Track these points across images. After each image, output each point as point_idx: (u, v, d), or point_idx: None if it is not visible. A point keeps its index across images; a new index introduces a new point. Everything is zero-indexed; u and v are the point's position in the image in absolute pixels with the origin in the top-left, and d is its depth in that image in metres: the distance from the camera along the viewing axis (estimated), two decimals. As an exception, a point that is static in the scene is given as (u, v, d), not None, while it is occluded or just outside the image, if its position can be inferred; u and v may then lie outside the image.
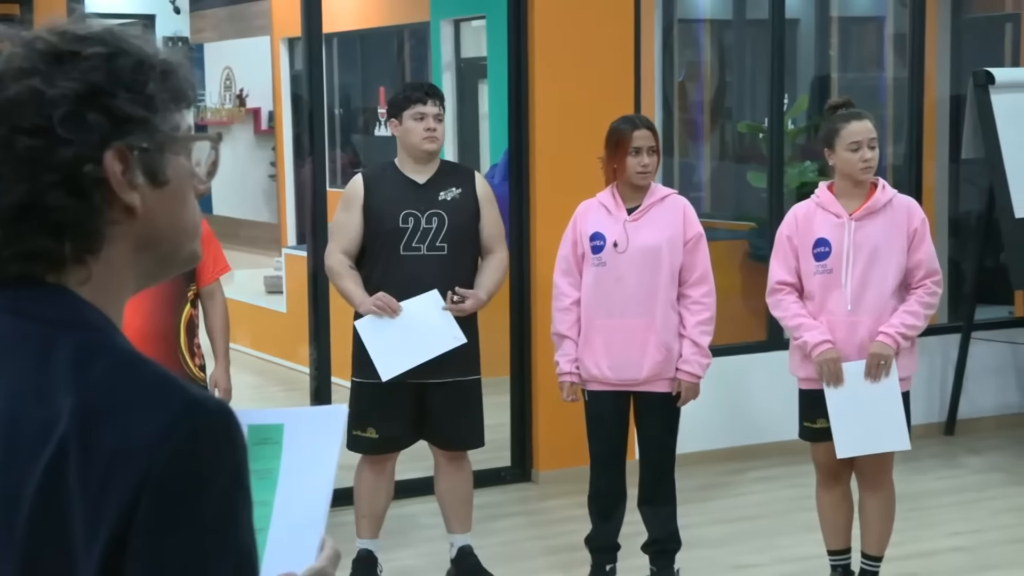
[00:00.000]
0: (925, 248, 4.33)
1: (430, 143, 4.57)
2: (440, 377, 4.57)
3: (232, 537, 1.21)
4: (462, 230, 4.57)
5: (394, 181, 4.62)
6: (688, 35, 9.00)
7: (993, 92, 6.41)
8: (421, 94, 4.60)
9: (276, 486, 1.50)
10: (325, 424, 1.56)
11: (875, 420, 4.30)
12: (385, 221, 4.55)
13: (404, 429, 4.65)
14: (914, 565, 4.97)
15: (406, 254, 4.52)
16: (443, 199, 4.58)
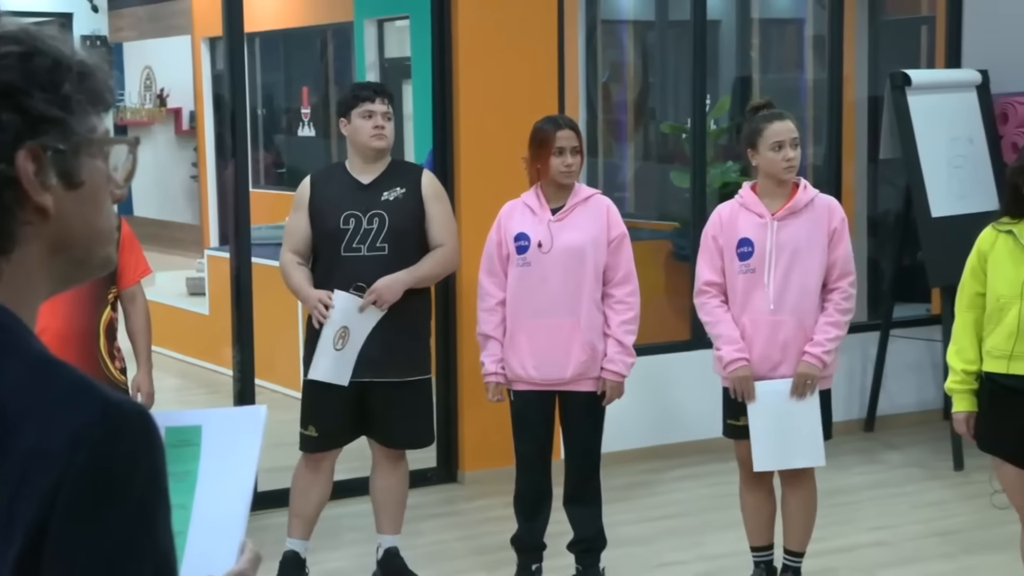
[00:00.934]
0: (842, 248, 4.38)
1: (378, 140, 4.55)
2: (385, 377, 4.55)
3: (149, 541, 1.19)
4: (404, 230, 4.55)
5: (339, 182, 4.61)
6: (611, 36, 9.05)
7: (909, 93, 6.51)
8: (370, 92, 4.60)
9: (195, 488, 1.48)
10: (245, 425, 1.55)
11: (793, 436, 4.36)
12: (327, 222, 4.54)
13: (344, 428, 4.63)
14: (835, 560, 5.04)
15: (347, 255, 4.51)
16: (385, 199, 4.56)
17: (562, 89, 6.19)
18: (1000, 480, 3.97)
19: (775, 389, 4.36)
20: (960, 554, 5.13)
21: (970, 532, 5.37)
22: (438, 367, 6.14)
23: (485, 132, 6.01)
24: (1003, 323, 3.81)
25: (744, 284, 4.39)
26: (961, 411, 3.96)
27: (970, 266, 3.94)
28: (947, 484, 6.09)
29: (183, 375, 8.42)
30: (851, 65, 7.35)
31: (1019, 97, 6.86)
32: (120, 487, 1.17)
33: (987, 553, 5.09)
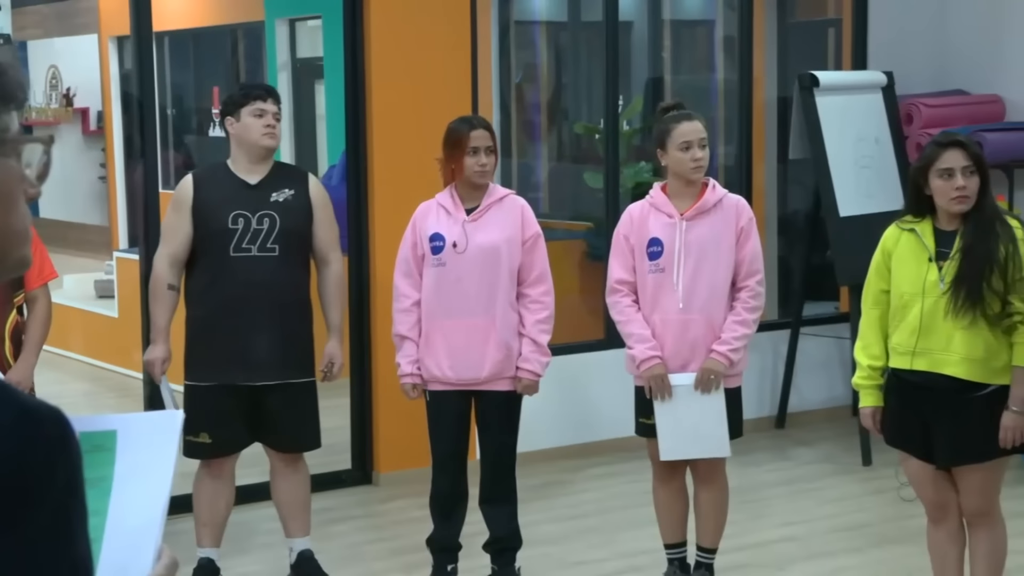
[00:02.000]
0: (750, 246, 4.44)
1: (269, 139, 4.53)
2: (274, 379, 4.53)
3: (66, 548, 1.18)
4: (294, 232, 4.53)
5: (225, 182, 4.56)
6: (524, 37, 9.07)
7: (818, 94, 6.61)
8: (262, 91, 4.58)
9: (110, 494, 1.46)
10: (160, 429, 1.53)
11: (699, 429, 4.41)
12: (214, 221, 4.49)
13: (238, 432, 4.59)
14: (747, 556, 5.11)
15: (236, 255, 4.46)
16: (275, 200, 4.53)
17: (475, 90, 6.20)
18: (906, 474, 4.05)
19: (681, 383, 4.40)
20: (868, 547, 5.22)
21: (878, 526, 5.47)
22: (352, 369, 6.12)
23: (398, 133, 6.00)
24: (906, 320, 3.88)
25: (654, 283, 4.43)
26: (867, 406, 4.04)
27: (875, 264, 4.01)
28: (856, 479, 6.19)
29: (93, 379, 8.28)
30: (760, 66, 7.45)
31: (923, 98, 7.00)
32: (37, 494, 1.16)
33: (894, 546, 5.18)
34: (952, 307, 3.77)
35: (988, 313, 3.76)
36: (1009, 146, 6.60)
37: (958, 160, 3.80)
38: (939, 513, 4.02)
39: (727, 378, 4.43)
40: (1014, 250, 3.78)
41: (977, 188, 3.81)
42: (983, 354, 3.79)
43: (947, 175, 3.81)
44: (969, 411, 3.83)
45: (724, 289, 4.43)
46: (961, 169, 3.80)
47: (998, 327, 3.79)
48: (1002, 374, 3.82)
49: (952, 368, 3.80)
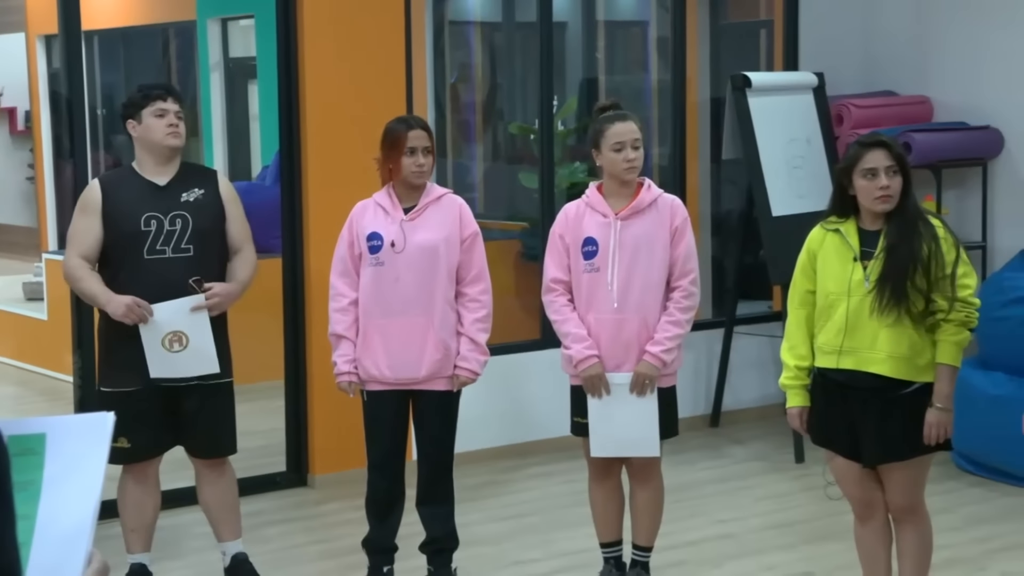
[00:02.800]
0: (683, 246, 4.46)
1: (174, 138, 4.48)
2: (191, 380, 4.48)
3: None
4: (207, 231, 4.49)
5: (133, 184, 4.50)
6: (459, 37, 9.06)
7: (750, 95, 6.67)
8: (161, 91, 4.51)
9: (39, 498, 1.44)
10: (90, 432, 1.51)
11: (631, 429, 4.43)
12: (125, 225, 4.43)
13: (156, 436, 4.54)
14: (682, 553, 5.14)
15: (150, 257, 4.41)
16: (186, 200, 4.49)
17: (410, 90, 6.19)
18: (832, 472, 4.09)
19: (615, 382, 4.42)
20: (800, 544, 5.27)
21: (810, 523, 5.52)
22: (287, 370, 6.08)
23: (333, 133, 5.97)
24: (832, 320, 3.92)
25: (589, 283, 4.45)
26: (794, 406, 4.07)
27: (800, 265, 4.05)
28: (789, 476, 6.25)
29: (22, 383, 8.16)
30: (694, 67, 7.50)
31: (854, 99, 7.08)
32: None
33: (825, 542, 5.24)
34: (877, 305, 3.82)
35: (912, 311, 3.81)
36: (937, 146, 6.70)
37: (881, 160, 3.85)
38: (866, 511, 4.06)
39: (661, 378, 4.45)
40: (936, 248, 3.83)
41: (900, 188, 3.86)
42: (908, 352, 3.84)
43: (871, 175, 3.85)
44: (894, 409, 3.87)
45: (659, 289, 4.45)
46: (884, 169, 3.84)
47: (922, 325, 3.84)
48: (926, 372, 3.87)
49: (877, 366, 3.84)
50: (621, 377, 4.42)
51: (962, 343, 3.87)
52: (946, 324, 3.84)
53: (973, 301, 3.86)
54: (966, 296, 3.84)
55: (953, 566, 4.91)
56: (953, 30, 7.04)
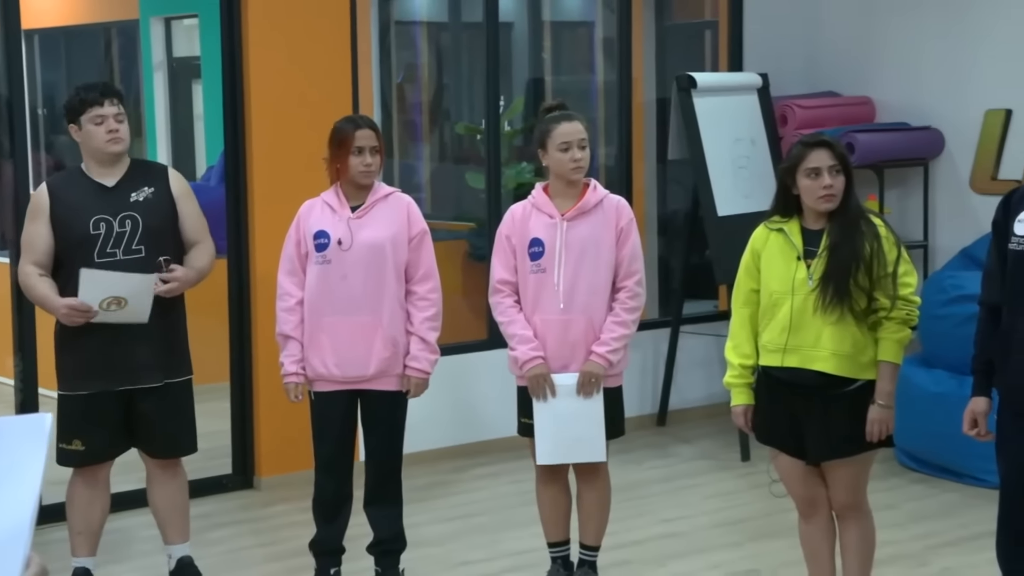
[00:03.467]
0: (629, 247, 4.47)
1: (115, 144, 4.42)
2: (148, 382, 4.45)
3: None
4: (158, 231, 4.44)
5: (81, 187, 4.45)
6: (405, 37, 9.04)
7: (695, 95, 6.70)
8: (96, 95, 4.43)
9: (-26, 502, 1.42)
10: (27, 434, 1.49)
11: (577, 431, 4.43)
12: (75, 229, 4.38)
13: (112, 439, 4.50)
14: (629, 552, 5.15)
15: (101, 261, 4.36)
16: (135, 200, 4.44)
17: (356, 90, 6.17)
18: (777, 470, 4.11)
19: (561, 383, 4.43)
20: (746, 542, 5.31)
21: (756, 520, 5.56)
22: (232, 371, 6.04)
23: (278, 133, 5.94)
24: (776, 318, 3.95)
25: (535, 284, 4.45)
26: (739, 405, 4.10)
27: (744, 264, 4.07)
28: (735, 475, 6.29)
29: (-38, 386, 8.05)
30: (639, 68, 7.53)
31: (798, 100, 7.14)
32: None
33: (770, 540, 5.28)
34: (820, 304, 3.85)
35: (855, 309, 3.85)
36: (879, 147, 6.76)
37: (824, 160, 3.88)
38: (809, 508, 4.10)
39: (607, 378, 4.46)
40: (878, 247, 3.87)
41: (843, 187, 3.90)
42: (851, 349, 3.87)
43: (814, 174, 3.89)
44: (837, 406, 3.91)
45: (605, 289, 4.46)
46: (828, 168, 3.88)
47: (864, 323, 3.88)
48: (869, 369, 3.91)
49: (821, 364, 3.88)
50: (567, 378, 4.43)
51: (903, 341, 3.91)
52: (888, 322, 3.88)
53: (914, 299, 3.91)
54: (907, 294, 3.89)
55: (896, 562, 4.97)
56: (895, 32, 7.12)
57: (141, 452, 4.63)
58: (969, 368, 3.75)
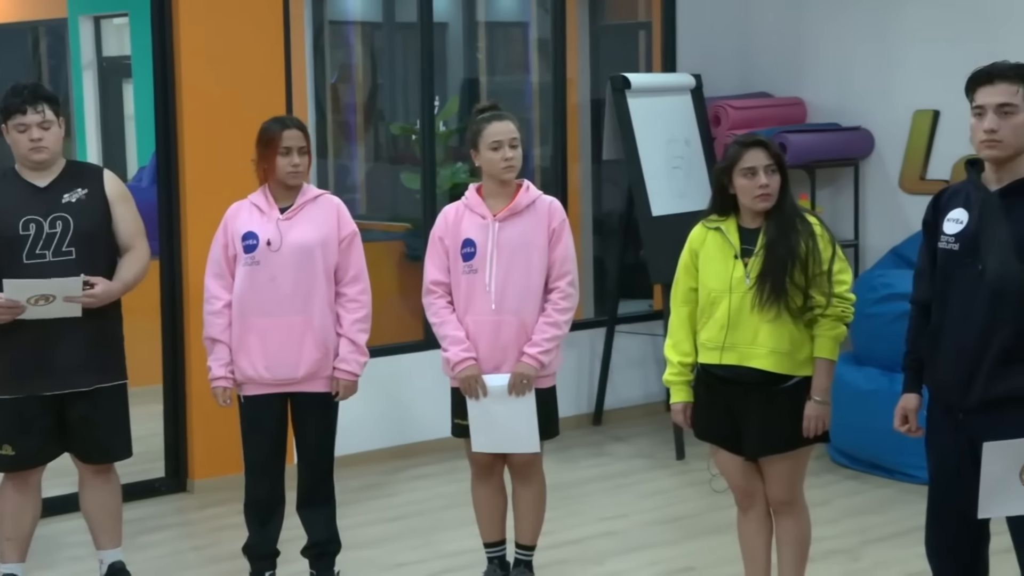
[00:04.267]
0: (561, 248, 4.47)
1: (36, 154, 4.34)
2: (79, 386, 4.38)
3: None
4: (90, 233, 4.38)
5: (12, 187, 4.38)
6: (339, 37, 9.00)
7: (630, 96, 6.73)
8: (19, 102, 4.33)
9: None
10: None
11: (510, 428, 4.44)
12: (4, 229, 4.31)
13: (43, 444, 4.43)
14: (566, 552, 5.16)
15: (30, 262, 4.30)
16: (67, 202, 4.37)
17: (289, 90, 6.13)
18: (717, 466, 4.15)
19: (493, 384, 4.43)
20: (683, 539, 5.34)
21: (692, 518, 5.59)
22: (165, 374, 5.98)
23: (211, 133, 5.89)
24: (714, 316, 3.98)
25: (467, 284, 4.44)
26: (678, 402, 4.12)
27: (682, 263, 4.10)
28: (671, 472, 6.32)
29: None
30: (574, 68, 7.54)
31: (730, 100, 7.19)
32: None
33: (707, 537, 5.31)
34: (757, 301, 3.88)
35: (791, 307, 3.88)
36: (811, 147, 6.83)
37: (760, 159, 3.92)
38: (747, 502, 4.13)
39: (540, 378, 4.46)
40: (814, 245, 3.91)
41: (778, 186, 3.94)
42: (788, 347, 3.91)
43: (750, 174, 3.92)
44: (775, 403, 3.94)
45: (537, 290, 4.46)
46: (763, 168, 3.91)
47: (801, 320, 3.92)
48: (805, 366, 3.95)
49: (759, 361, 3.91)
50: (498, 379, 4.43)
51: (839, 338, 3.96)
52: (823, 319, 3.92)
53: (849, 296, 3.96)
54: (842, 292, 3.93)
55: (829, 557, 5.02)
56: (825, 34, 7.19)
57: (73, 457, 4.57)
58: (900, 365, 3.79)
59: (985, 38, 6.34)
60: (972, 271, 3.49)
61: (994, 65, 3.49)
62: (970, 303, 3.49)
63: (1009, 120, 3.43)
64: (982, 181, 3.55)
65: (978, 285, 3.46)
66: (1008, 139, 3.44)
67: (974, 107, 3.49)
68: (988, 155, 3.48)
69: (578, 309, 4.68)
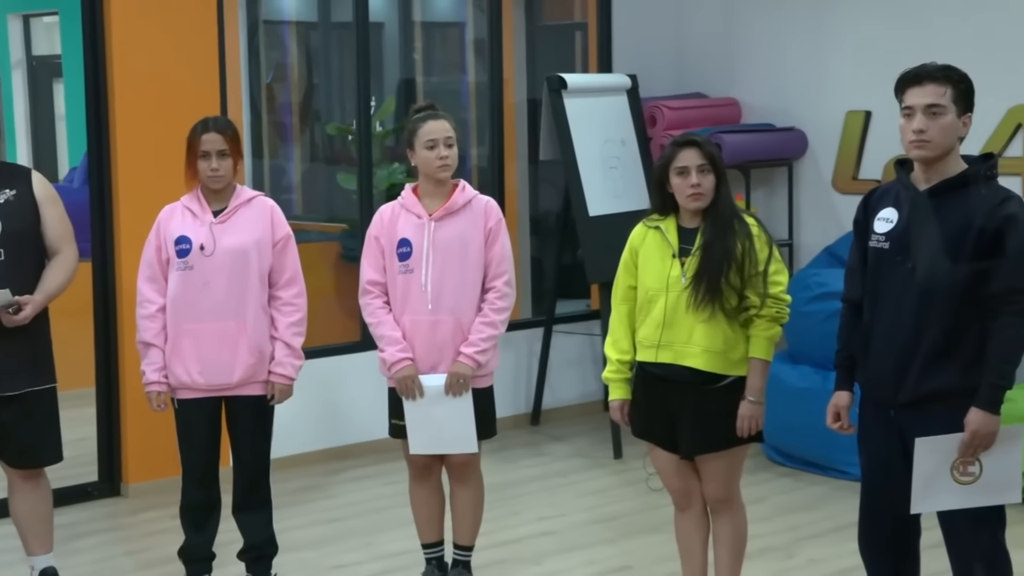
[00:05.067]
0: (498, 247, 4.48)
1: None
2: (7, 390, 4.32)
3: None
4: (18, 234, 4.32)
5: None
6: (274, 36, 8.94)
7: (566, 96, 6.75)
8: None
9: None
10: None
11: (448, 428, 4.44)
12: None
13: None
14: (504, 551, 5.17)
15: None
16: None
17: (224, 90, 6.08)
18: (654, 464, 4.16)
19: (430, 384, 4.42)
20: (621, 538, 5.36)
21: (629, 516, 5.61)
22: (98, 377, 5.91)
23: (143, 134, 5.82)
24: (651, 315, 4.00)
25: (403, 284, 4.44)
26: (616, 399, 4.14)
27: (623, 261, 4.12)
28: (608, 472, 6.34)
29: None
30: (510, 68, 7.55)
31: (666, 101, 7.23)
32: None
33: (644, 535, 5.34)
34: (693, 301, 3.91)
35: (726, 307, 3.91)
36: (745, 147, 6.89)
37: (693, 159, 3.94)
38: (684, 501, 4.16)
39: (477, 378, 4.47)
40: (750, 246, 3.94)
41: (712, 186, 3.96)
42: (722, 346, 3.94)
43: (683, 173, 3.94)
44: (709, 402, 3.97)
45: (473, 290, 4.46)
46: (696, 167, 3.94)
47: (736, 320, 3.94)
48: (740, 365, 3.98)
49: (693, 360, 3.94)
50: (435, 379, 4.42)
51: (774, 338, 3.99)
52: (758, 320, 3.95)
53: (784, 297, 3.99)
54: (778, 292, 3.96)
55: (764, 554, 5.06)
56: (759, 35, 7.26)
57: (2, 462, 4.50)
58: (833, 363, 3.83)
59: (915, 40, 6.43)
60: (902, 269, 3.54)
61: (922, 67, 3.54)
62: (900, 301, 3.54)
63: (937, 121, 3.48)
64: (911, 181, 3.60)
65: (908, 283, 3.51)
66: (936, 139, 3.49)
67: (903, 108, 3.53)
68: (917, 155, 3.53)
69: (515, 309, 4.69)
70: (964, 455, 3.47)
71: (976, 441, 3.45)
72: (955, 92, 3.48)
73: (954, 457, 3.48)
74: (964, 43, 6.23)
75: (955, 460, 3.48)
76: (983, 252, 3.45)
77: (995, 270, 3.44)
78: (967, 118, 3.53)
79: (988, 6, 6.37)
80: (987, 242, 3.45)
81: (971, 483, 3.48)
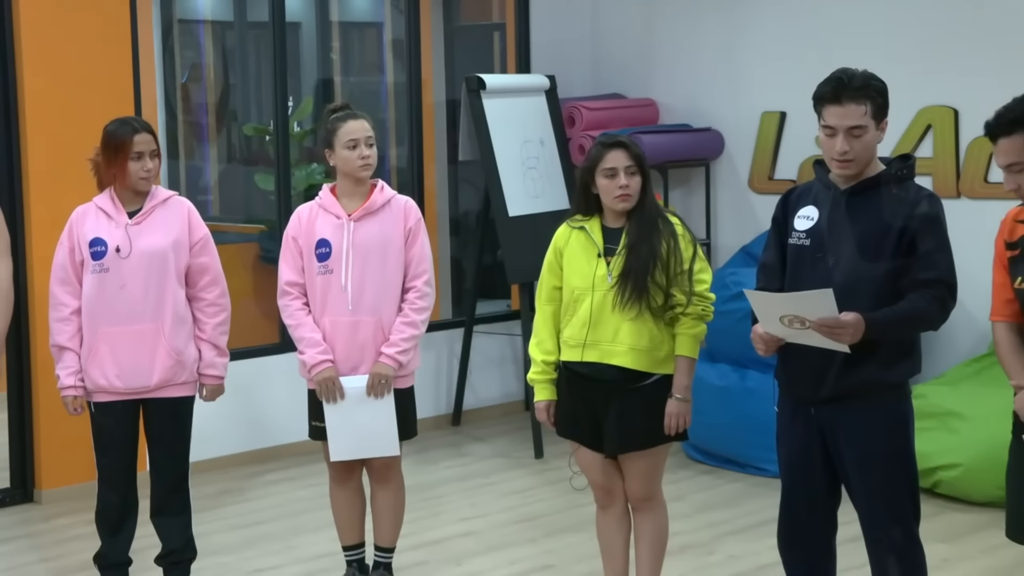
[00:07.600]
0: (417, 247, 4.47)
1: None
2: None
3: None
4: None
5: None
6: (189, 36, 8.84)
7: (484, 97, 6.75)
8: None
9: None
10: None
11: (369, 430, 4.42)
12: None
13: None
14: (425, 552, 5.15)
15: None
16: None
17: (138, 89, 6.00)
18: (579, 463, 4.17)
19: (351, 385, 4.40)
20: (542, 538, 5.37)
21: (551, 516, 5.63)
22: (10, 382, 5.80)
23: (56, 135, 5.73)
24: (577, 314, 4.01)
25: (323, 285, 4.41)
26: (541, 400, 4.14)
27: (547, 262, 4.13)
28: (530, 472, 6.35)
29: None
30: (429, 69, 7.54)
31: (584, 101, 7.27)
32: None
33: (566, 535, 5.35)
34: (619, 300, 3.92)
35: (652, 305, 3.93)
36: (664, 147, 6.94)
37: (621, 160, 3.96)
38: (607, 499, 4.17)
39: (398, 378, 4.45)
40: (675, 245, 3.96)
41: (639, 187, 3.98)
42: (648, 345, 3.96)
43: (611, 174, 3.96)
44: (635, 400, 3.99)
45: (394, 290, 4.44)
46: (624, 169, 3.96)
47: (662, 319, 3.96)
48: (666, 363, 4.00)
49: (619, 358, 3.95)
50: (356, 380, 4.40)
51: (699, 336, 4.02)
52: (684, 318, 3.97)
53: (709, 295, 4.02)
54: (702, 291, 4.00)
55: (685, 551, 5.10)
56: (675, 36, 7.31)
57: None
58: (751, 361, 3.86)
59: (828, 43, 6.52)
60: (823, 266, 3.58)
61: (839, 81, 3.51)
62: (820, 298, 3.57)
63: (860, 140, 3.52)
64: (831, 180, 3.64)
65: (828, 280, 3.55)
66: (860, 156, 3.54)
67: (824, 125, 3.55)
68: (842, 173, 3.57)
69: (436, 309, 4.68)
70: (804, 324, 3.44)
71: (833, 334, 3.43)
72: (873, 107, 3.51)
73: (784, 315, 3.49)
74: (875, 45, 6.34)
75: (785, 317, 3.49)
76: (904, 249, 3.50)
77: (918, 264, 3.49)
78: (884, 123, 3.58)
79: (898, 8, 6.48)
80: (908, 239, 3.50)
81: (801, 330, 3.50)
